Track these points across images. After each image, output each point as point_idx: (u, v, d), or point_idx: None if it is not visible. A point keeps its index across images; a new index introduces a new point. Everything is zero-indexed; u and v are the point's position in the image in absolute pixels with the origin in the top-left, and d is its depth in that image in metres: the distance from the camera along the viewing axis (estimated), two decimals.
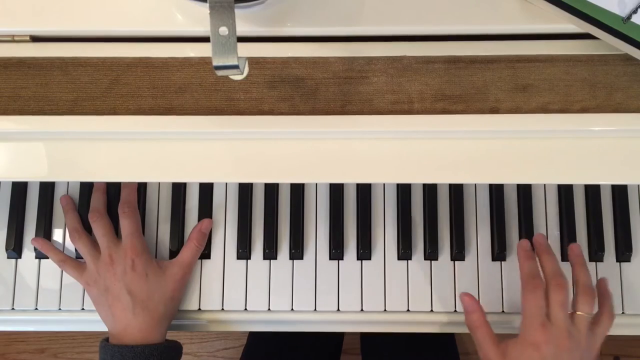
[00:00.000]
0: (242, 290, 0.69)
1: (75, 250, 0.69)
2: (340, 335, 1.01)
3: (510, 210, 0.70)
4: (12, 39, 0.57)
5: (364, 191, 0.70)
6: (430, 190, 0.70)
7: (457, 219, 0.69)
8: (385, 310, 0.68)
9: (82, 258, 0.68)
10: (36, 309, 0.70)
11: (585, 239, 0.69)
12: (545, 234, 0.70)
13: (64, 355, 1.46)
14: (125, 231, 0.66)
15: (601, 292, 0.64)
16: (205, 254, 0.69)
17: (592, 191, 0.70)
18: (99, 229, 0.66)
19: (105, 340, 0.64)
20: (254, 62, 0.55)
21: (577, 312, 0.60)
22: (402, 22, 0.55)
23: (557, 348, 0.57)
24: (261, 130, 0.55)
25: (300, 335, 0.69)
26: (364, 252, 0.69)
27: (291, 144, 0.56)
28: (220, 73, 0.46)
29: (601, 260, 0.69)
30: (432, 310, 0.68)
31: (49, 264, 0.70)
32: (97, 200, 0.68)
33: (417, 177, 0.58)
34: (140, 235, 0.66)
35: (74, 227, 0.67)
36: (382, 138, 0.56)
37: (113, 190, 0.70)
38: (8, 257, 0.70)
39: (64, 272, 0.69)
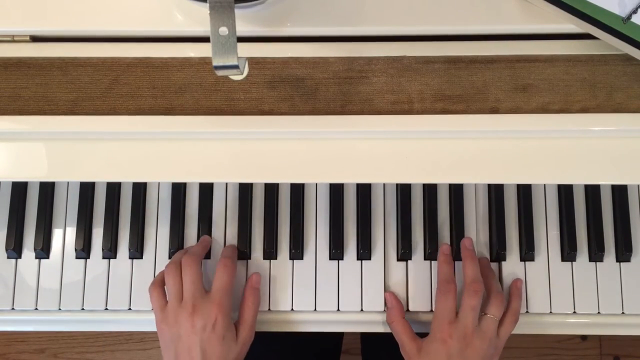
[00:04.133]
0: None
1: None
2: (339, 335, 1.01)
3: (510, 210, 0.70)
4: (12, 39, 0.57)
5: (364, 191, 0.70)
6: (430, 190, 0.70)
7: (457, 219, 0.69)
8: (385, 310, 0.68)
9: None
10: (36, 309, 0.69)
11: (585, 239, 0.69)
12: (545, 234, 0.70)
13: (64, 355, 1.46)
14: (218, 285, 0.63)
15: (512, 292, 0.68)
16: (206, 255, 0.69)
17: (592, 191, 0.70)
18: (189, 275, 0.63)
19: None
20: (254, 62, 0.55)
21: (487, 314, 0.64)
22: (402, 22, 0.55)
23: (462, 343, 0.61)
24: (261, 130, 0.55)
25: (299, 335, 0.69)
26: (364, 252, 0.69)
27: (291, 144, 0.56)
28: (220, 73, 0.46)
29: (601, 260, 0.69)
30: (431, 310, 0.68)
31: (49, 264, 0.70)
32: (200, 248, 0.67)
33: (417, 177, 0.58)
34: (230, 293, 0.64)
35: (174, 261, 0.66)
36: (382, 138, 0.56)
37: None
38: (8, 257, 0.70)
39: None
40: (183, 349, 0.61)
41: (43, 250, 0.69)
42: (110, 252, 0.69)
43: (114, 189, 0.70)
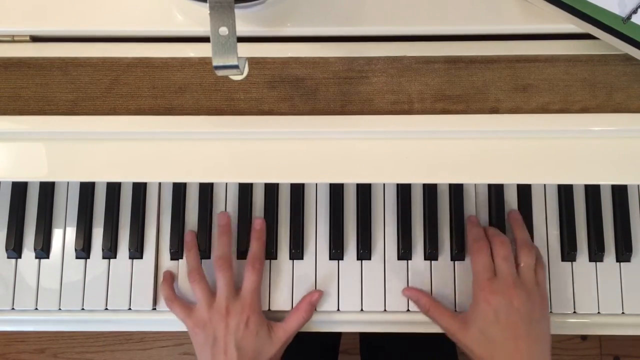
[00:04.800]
0: None
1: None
2: (337, 335, 1.01)
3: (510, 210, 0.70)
4: (12, 39, 0.57)
5: (364, 191, 0.70)
6: (430, 190, 0.70)
7: (457, 219, 0.69)
8: (385, 310, 0.68)
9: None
10: (36, 309, 0.69)
11: (585, 239, 0.69)
12: (545, 234, 0.69)
13: (64, 355, 1.46)
14: (247, 286, 0.65)
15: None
16: (206, 255, 0.69)
17: (592, 191, 0.70)
18: (222, 278, 0.65)
19: None
20: (254, 62, 0.55)
21: (521, 264, 0.63)
22: (402, 22, 0.55)
23: (506, 298, 0.60)
24: (261, 130, 0.55)
25: (298, 335, 0.69)
26: (364, 252, 0.69)
27: (291, 144, 0.56)
28: (220, 73, 0.46)
29: (601, 260, 0.69)
30: None
31: (49, 264, 0.70)
32: (226, 246, 0.67)
33: (417, 177, 0.58)
34: (259, 293, 0.66)
35: (195, 268, 0.67)
36: (382, 138, 0.56)
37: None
38: (8, 257, 0.70)
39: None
40: (219, 350, 0.62)
41: (43, 250, 0.69)
42: (110, 252, 0.69)
43: (114, 189, 0.70)
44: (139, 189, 0.70)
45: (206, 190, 0.70)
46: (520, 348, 0.59)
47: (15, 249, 0.70)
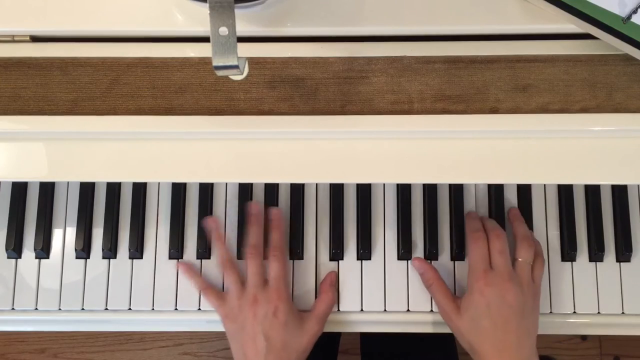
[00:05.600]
0: None
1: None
2: (337, 335, 1.01)
3: None
4: (12, 39, 0.57)
5: (364, 191, 0.70)
6: (430, 190, 0.70)
7: (457, 219, 0.69)
8: (385, 310, 0.68)
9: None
10: (36, 309, 0.69)
11: (585, 239, 0.69)
12: (545, 234, 0.70)
13: (64, 355, 1.46)
14: (273, 274, 0.65)
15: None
16: (205, 255, 0.69)
17: (592, 191, 0.70)
18: (253, 266, 0.65)
19: None
20: (254, 62, 0.55)
21: (518, 259, 0.64)
22: (402, 22, 0.55)
23: (500, 290, 0.61)
24: (261, 130, 0.55)
25: None
26: (364, 252, 0.69)
27: (291, 144, 0.56)
28: (220, 73, 0.46)
29: (601, 260, 0.69)
30: (432, 310, 0.68)
31: (49, 264, 0.70)
32: (257, 236, 0.67)
33: (417, 177, 0.58)
34: (287, 281, 0.66)
35: (228, 258, 0.67)
36: (382, 138, 0.56)
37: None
38: (8, 257, 0.70)
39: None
40: (248, 339, 0.62)
41: (43, 250, 0.69)
42: (110, 252, 0.69)
43: (114, 189, 0.70)
44: (139, 189, 0.70)
45: (206, 190, 0.70)
46: (509, 340, 0.60)
47: (15, 249, 0.70)
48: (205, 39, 0.52)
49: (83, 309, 0.69)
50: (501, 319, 0.60)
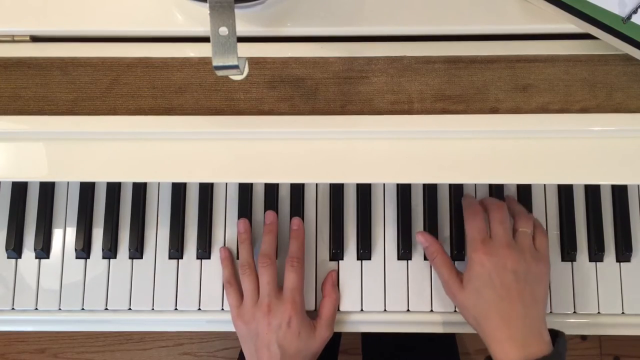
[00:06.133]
0: None
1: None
2: (337, 335, 1.02)
3: None
4: (12, 39, 0.57)
5: (364, 191, 0.70)
6: (430, 190, 0.70)
7: (457, 219, 0.69)
8: (385, 310, 0.68)
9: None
10: (36, 309, 0.70)
11: (585, 239, 0.69)
12: None
13: (64, 355, 1.46)
14: (289, 285, 0.65)
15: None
16: (205, 255, 0.69)
17: (592, 191, 0.70)
18: (265, 275, 0.65)
19: None
20: (254, 62, 0.55)
21: (518, 229, 0.63)
22: (402, 22, 0.55)
23: (500, 259, 0.60)
24: (261, 130, 0.55)
25: None
26: (364, 252, 0.69)
27: (291, 144, 0.56)
28: (220, 73, 0.46)
29: (601, 260, 0.69)
30: (432, 310, 0.68)
31: (49, 264, 0.70)
32: (270, 245, 0.67)
33: (417, 177, 0.58)
34: (302, 292, 0.66)
35: (248, 262, 0.67)
36: (382, 138, 0.56)
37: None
38: (8, 257, 0.70)
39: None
40: (262, 345, 0.63)
41: (43, 250, 0.69)
42: (110, 252, 0.69)
43: (114, 189, 0.70)
44: (139, 189, 0.70)
45: (206, 190, 0.70)
46: (515, 309, 0.59)
47: (15, 249, 0.70)
48: (205, 39, 0.52)
49: (83, 309, 0.69)
50: (504, 288, 0.59)
